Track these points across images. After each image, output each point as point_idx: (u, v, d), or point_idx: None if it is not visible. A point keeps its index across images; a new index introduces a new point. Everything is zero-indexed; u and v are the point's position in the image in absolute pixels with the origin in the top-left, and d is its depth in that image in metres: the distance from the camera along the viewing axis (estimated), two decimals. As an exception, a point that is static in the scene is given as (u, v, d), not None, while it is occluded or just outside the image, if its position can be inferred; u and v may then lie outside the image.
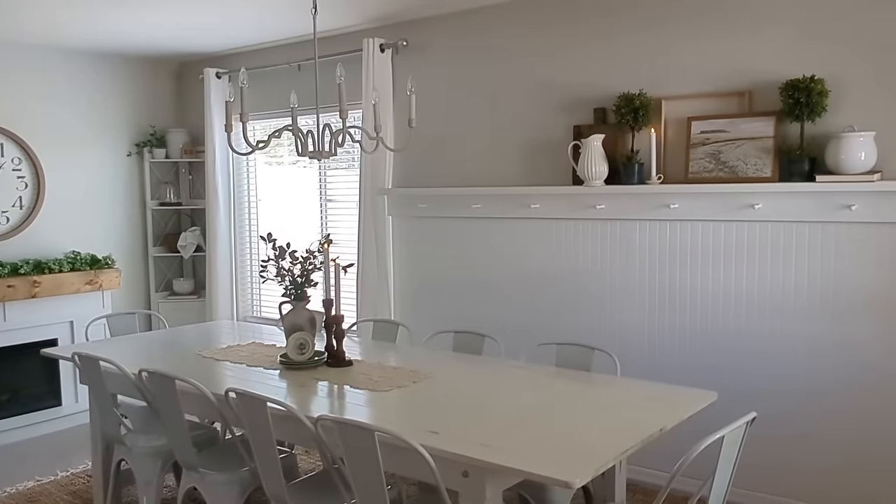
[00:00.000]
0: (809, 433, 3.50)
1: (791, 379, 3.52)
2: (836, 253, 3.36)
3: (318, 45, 3.49)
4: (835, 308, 3.39)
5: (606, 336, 3.99)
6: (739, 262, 3.61)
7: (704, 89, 3.67)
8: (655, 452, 2.85)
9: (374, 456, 2.30)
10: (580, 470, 2.13)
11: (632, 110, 3.72)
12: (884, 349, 3.29)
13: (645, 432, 2.43)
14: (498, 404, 2.81)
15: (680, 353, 3.81)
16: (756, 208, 3.51)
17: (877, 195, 3.22)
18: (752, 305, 3.59)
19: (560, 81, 4.13)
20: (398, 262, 4.86)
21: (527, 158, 4.29)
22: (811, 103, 3.25)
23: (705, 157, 3.61)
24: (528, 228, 4.28)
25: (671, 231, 3.80)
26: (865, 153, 3.17)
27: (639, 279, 3.91)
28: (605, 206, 3.95)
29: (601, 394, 2.98)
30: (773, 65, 3.46)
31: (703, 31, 3.66)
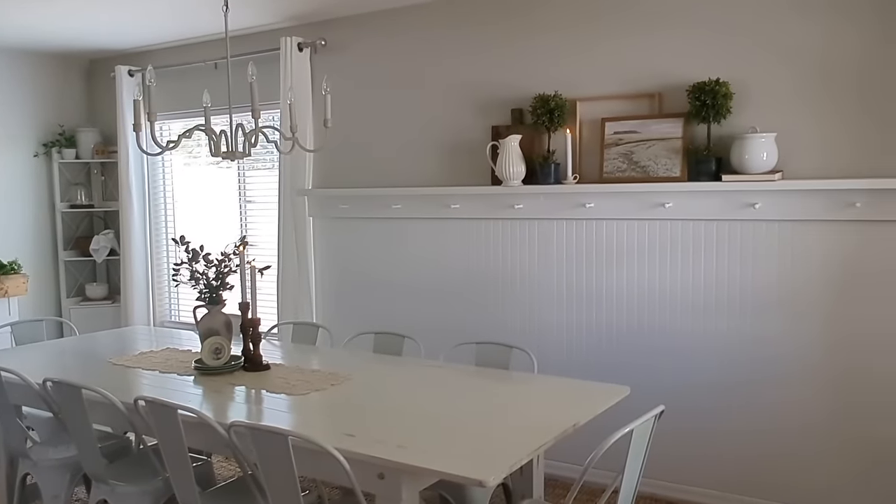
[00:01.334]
0: (723, 425, 3.62)
1: (703, 373, 3.64)
2: (742, 250, 3.50)
3: (234, 43, 3.43)
4: (742, 303, 3.52)
5: (526, 334, 4.05)
6: (652, 259, 3.71)
7: (617, 91, 3.76)
8: (573, 447, 2.89)
9: (288, 461, 2.27)
10: (494, 468, 2.14)
11: (547, 111, 3.78)
12: (788, 341, 3.43)
13: (558, 429, 2.47)
14: (416, 405, 2.81)
15: (597, 349, 3.90)
16: (667, 207, 3.61)
17: (778, 194, 3.36)
18: (665, 302, 3.70)
19: (478, 82, 4.16)
20: (319, 263, 4.81)
21: (447, 159, 4.31)
22: (717, 105, 3.37)
23: (618, 158, 3.70)
24: (448, 228, 4.30)
25: (587, 230, 3.88)
26: (767, 153, 3.30)
27: (557, 277, 3.98)
28: (523, 206, 4.01)
29: (518, 391, 3.02)
30: (681, 67, 3.57)
31: (616, 33, 3.74)
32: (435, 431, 2.50)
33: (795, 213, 3.35)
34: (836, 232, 3.29)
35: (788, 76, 3.36)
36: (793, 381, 3.44)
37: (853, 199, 3.21)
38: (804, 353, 3.40)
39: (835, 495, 3.40)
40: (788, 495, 3.49)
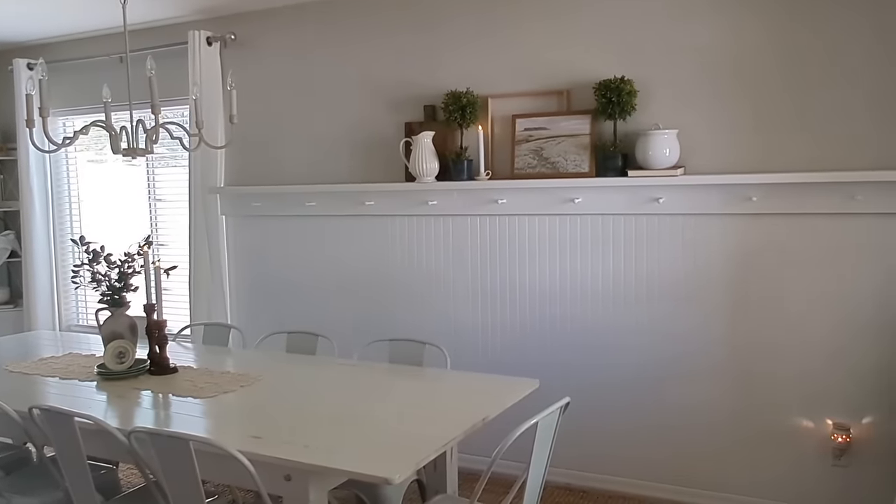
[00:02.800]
0: (634, 415, 3.72)
1: (613, 364, 3.73)
2: (648, 243, 3.60)
3: (141, 36, 3.33)
4: (648, 296, 3.62)
5: (441, 330, 4.07)
6: (563, 254, 3.78)
7: (527, 88, 3.81)
8: (489, 441, 2.91)
9: (191, 466, 2.22)
10: (400, 465, 2.14)
11: (459, 108, 3.80)
12: (691, 330, 3.55)
13: (467, 423, 2.49)
14: (326, 404, 2.79)
15: (511, 344, 3.94)
16: (576, 202, 3.68)
17: (681, 188, 3.47)
18: (576, 296, 3.77)
19: (391, 78, 4.15)
20: (233, 262, 4.72)
21: (361, 155, 4.28)
22: (622, 102, 3.45)
23: (529, 154, 3.75)
24: (363, 225, 4.27)
25: (500, 225, 3.92)
26: (670, 149, 3.40)
27: (471, 273, 4.01)
28: (437, 202, 4.02)
29: (430, 388, 3.03)
30: (588, 65, 3.64)
31: (526, 31, 3.79)
32: (344, 430, 2.49)
33: (697, 207, 3.46)
34: (734, 225, 3.42)
35: (688, 75, 3.47)
36: (696, 368, 3.56)
37: (749, 194, 3.34)
38: (706, 341, 3.52)
39: (737, 477, 3.54)
40: (696, 481, 3.61)
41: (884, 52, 3.12)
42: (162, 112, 3.09)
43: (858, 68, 3.16)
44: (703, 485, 3.59)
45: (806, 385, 3.36)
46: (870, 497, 3.24)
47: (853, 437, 3.29)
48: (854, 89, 3.18)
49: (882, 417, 3.24)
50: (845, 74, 3.19)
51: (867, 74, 3.15)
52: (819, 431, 3.36)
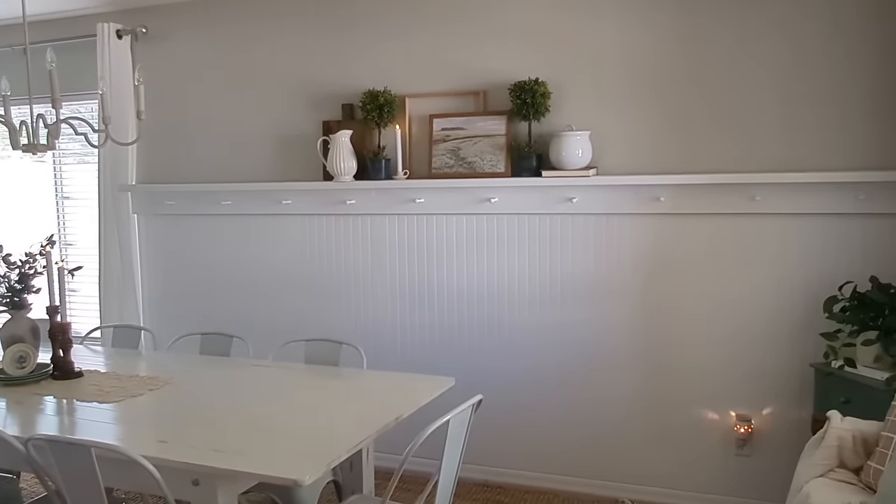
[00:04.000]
0: (549, 410, 3.79)
1: (529, 361, 3.79)
2: (562, 242, 3.67)
3: (48, 27, 3.19)
4: (562, 293, 3.70)
5: (359, 330, 4.06)
6: (480, 253, 3.82)
7: (445, 88, 3.83)
8: (406, 439, 2.92)
9: (93, 474, 2.15)
10: (310, 467, 2.13)
11: (377, 107, 3.79)
12: (605, 326, 3.64)
13: (381, 422, 2.49)
14: (238, 407, 2.74)
15: (430, 342, 3.96)
16: (492, 202, 3.73)
17: (593, 189, 3.56)
18: (493, 294, 3.82)
19: (309, 76, 4.11)
20: (146, 262, 4.59)
21: (278, 153, 4.22)
22: (536, 104, 3.51)
23: (446, 154, 3.78)
24: (280, 225, 4.22)
25: (418, 225, 3.93)
26: (582, 150, 3.48)
27: (389, 272, 4.01)
28: (355, 202, 4.00)
29: (345, 388, 3.01)
30: (504, 66, 3.69)
31: (443, 31, 3.81)
32: (255, 433, 2.45)
33: (609, 206, 3.55)
34: (644, 224, 3.53)
35: (600, 77, 3.55)
36: (610, 364, 3.65)
37: (658, 194, 3.45)
38: (619, 338, 3.62)
39: (648, 469, 3.65)
40: (610, 474, 3.71)
41: (788, 56, 3.27)
42: (67, 107, 2.98)
43: (763, 72, 3.30)
44: (618, 477, 3.69)
45: (712, 379, 3.49)
46: (769, 483, 3.40)
47: (754, 427, 3.44)
48: (758, 92, 3.32)
49: (780, 408, 3.40)
50: (751, 78, 3.32)
51: (772, 78, 3.29)
52: (723, 423, 3.50)
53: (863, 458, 2.65)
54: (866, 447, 2.66)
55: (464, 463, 3.61)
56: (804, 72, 3.24)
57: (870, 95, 3.16)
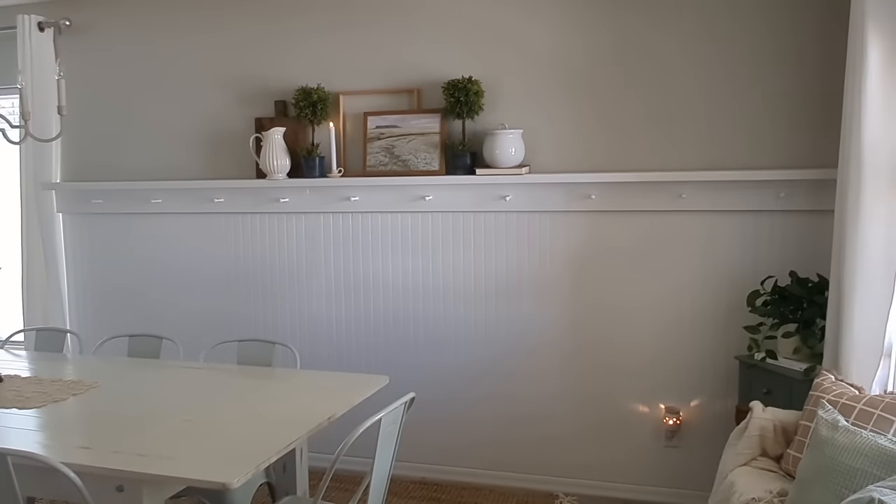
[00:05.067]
0: (486, 406, 3.81)
1: (464, 357, 3.81)
2: (496, 239, 3.70)
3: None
4: (497, 290, 3.73)
5: (295, 329, 4.02)
6: (415, 251, 3.82)
7: (379, 86, 3.81)
8: (340, 439, 2.91)
9: (10, 483, 2.08)
10: (239, 469, 2.10)
11: (310, 104, 3.75)
12: (539, 322, 3.69)
13: (312, 423, 2.47)
14: (166, 410, 2.68)
15: (366, 341, 3.95)
16: (427, 200, 3.73)
17: (526, 187, 3.60)
18: (429, 292, 3.83)
19: (240, 72, 4.04)
20: (72, 263, 4.44)
21: (209, 151, 4.14)
22: (469, 102, 3.52)
23: (381, 152, 3.77)
24: (212, 223, 4.14)
25: (353, 223, 3.91)
26: (515, 149, 3.51)
27: (325, 271, 3.98)
28: (289, 200, 3.96)
29: (277, 388, 2.98)
30: (438, 64, 3.70)
31: (376, 28, 3.79)
32: (183, 436, 2.40)
33: (541, 204, 3.60)
34: (576, 221, 3.58)
35: (533, 76, 3.59)
36: (544, 360, 3.70)
37: (589, 192, 3.51)
38: (553, 334, 3.67)
39: (582, 463, 3.71)
40: (547, 468, 3.76)
41: (713, 57, 3.36)
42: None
43: (690, 73, 3.39)
44: (553, 471, 3.74)
45: (642, 372, 3.57)
46: (697, 472, 3.49)
47: (683, 419, 3.53)
48: (684, 93, 3.40)
49: (707, 400, 3.50)
50: (678, 79, 3.41)
51: (697, 79, 3.38)
52: (654, 415, 3.58)
53: (783, 447, 2.75)
54: (786, 436, 2.76)
55: (401, 461, 3.65)
56: (728, 73, 3.34)
57: (790, 97, 3.28)
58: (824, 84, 3.18)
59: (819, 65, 3.21)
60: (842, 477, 2.25)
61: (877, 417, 2.42)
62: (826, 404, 2.50)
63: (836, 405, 2.50)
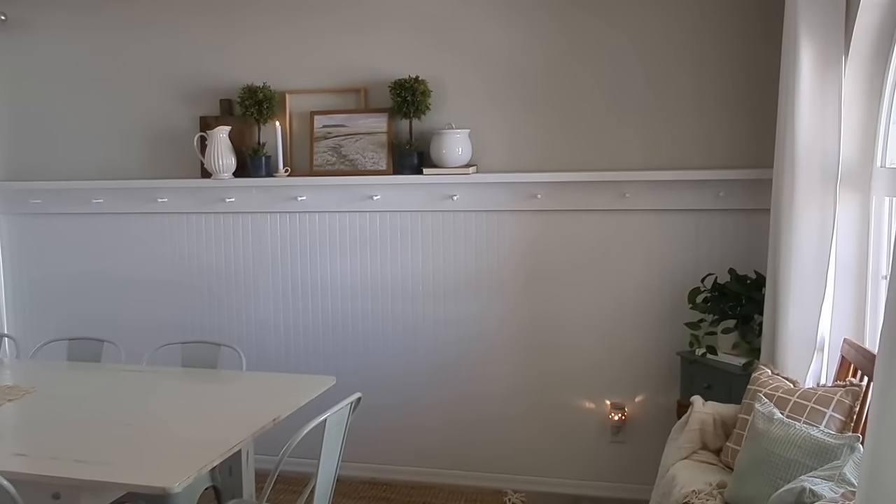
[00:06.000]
0: (435, 404, 3.82)
1: (414, 357, 3.82)
2: (444, 239, 3.71)
3: None
4: (445, 289, 3.74)
5: (241, 331, 3.97)
6: (364, 250, 3.81)
7: (325, 84, 3.79)
8: (287, 441, 2.89)
9: (-61, 492, 2.01)
10: (181, 473, 2.07)
11: (256, 102, 3.71)
12: (487, 321, 3.71)
13: (257, 425, 2.45)
14: (105, 414, 2.63)
15: (314, 342, 3.92)
16: (375, 199, 3.73)
17: (473, 186, 3.62)
18: (377, 292, 3.82)
19: (184, 69, 3.97)
20: (9, 265, 4.31)
21: (152, 150, 4.06)
22: (416, 102, 3.52)
23: (328, 151, 3.75)
24: (156, 223, 4.07)
25: (300, 223, 3.88)
26: (462, 149, 3.53)
27: (272, 272, 3.94)
28: (234, 200, 3.91)
29: (222, 390, 2.95)
30: (385, 64, 3.69)
31: (323, 27, 3.77)
32: (123, 441, 2.36)
33: (488, 204, 3.62)
34: (523, 221, 3.61)
35: (480, 76, 3.61)
36: (492, 358, 3.73)
37: (535, 191, 3.55)
38: (501, 333, 3.70)
39: (530, 460, 3.75)
40: (497, 466, 3.78)
41: (656, 59, 3.42)
42: None
43: (633, 75, 3.45)
44: (501, 469, 3.77)
45: (588, 369, 3.62)
46: (641, 467, 3.55)
47: (628, 415, 3.60)
48: (627, 94, 3.46)
49: (651, 395, 3.57)
50: (621, 80, 3.46)
51: (641, 80, 3.44)
52: (599, 412, 3.64)
53: (722, 440, 2.83)
54: (725, 429, 2.83)
55: (350, 461, 3.64)
56: (670, 76, 3.41)
57: (729, 99, 3.36)
58: (761, 87, 3.27)
59: (756, 68, 3.30)
60: (777, 468, 2.32)
61: (810, 409, 2.49)
62: (762, 398, 2.57)
63: (772, 398, 2.58)
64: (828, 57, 2.69)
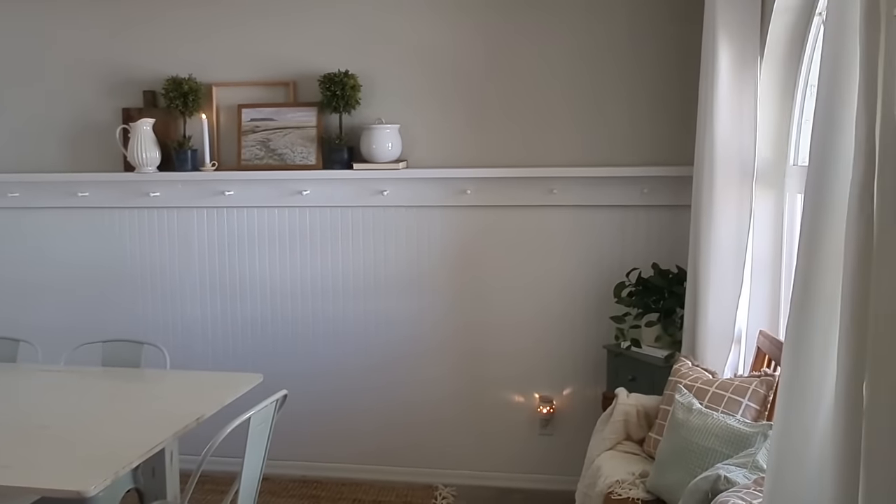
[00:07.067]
0: (365, 401, 3.80)
1: (344, 354, 3.79)
2: (375, 234, 3.70)
3: None
4: (376, 285, 3.73)
5: (168, 329, 3.88)
6: (293, 246, 3.77)
7: (253, 77, 3.73)
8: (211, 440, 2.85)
9: None
10: (97, 476, 2.01)
11: (181, 95, 3.63)
12: (415, 319, 3.71)
13: (180, 424, 2.40)
14: (19, 417, 2.53)
15: (242, 338, 3.86)
16: (304, 194, 3.69)
17: (404, 181, 3.61)
18: (306, 288, 3.78)
19: (106, 60, 3.85)
20: (-83, 262, 4.11)
21: (73, 142, 3.92)
22: (346, 96, 3.50)
23: (256, 145, 3.69)
24: (77, 218, 3.93)
25: (228, 218, 3.81)
26: (392, 144, 3.52)
27: (199, 268, 3.86)
28: (160, 194, 3.81)
29: (145, 390, 2.88)
30: (314, 57, 3.65)
31: (251, 18, 3.70)
32: (37, 443, 2.28)
33: (419, 199, 3.62)
34: (453, 216, 3.63)
35: (409, 71, 3.61)
36: (424, 353, 3.73)
37: (465, 187, 3.57)
38: (432, 327, 3.71)
39: (461, 454, 3.77)
40: (427, 461, 3.79)
41: (580, 57, 3.48)
42: None
43: (559, 73, 3.50)
44: (432, 464, 3.79)
45: (518, 364, 3.67)
46: (569, 458, 3.60)
47: (556, 407, 3.66)
48: (555, 92, 3.51)
49: (578, 388, 3.63)
50: (548, 78, 3.51)
51: (566, 78, 3.50)
52: (529, 405, 3.69)
53: (645, 430, 2.90)
54: (648, 420, 2.91)
55: (280, 459, 3.61)
56: (596, 74, 3.47)
57: (653, 97, 3.44)
58: (685, 86, 3.35)
59: (678, 68, 3.39)
60: (695, 457, 2.40)
61: (727, 399, 2.58)
62: (683, 389, 2.65)
63: (691, 389, 2.66)
64: (744, 58, 2.78)
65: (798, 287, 1.62)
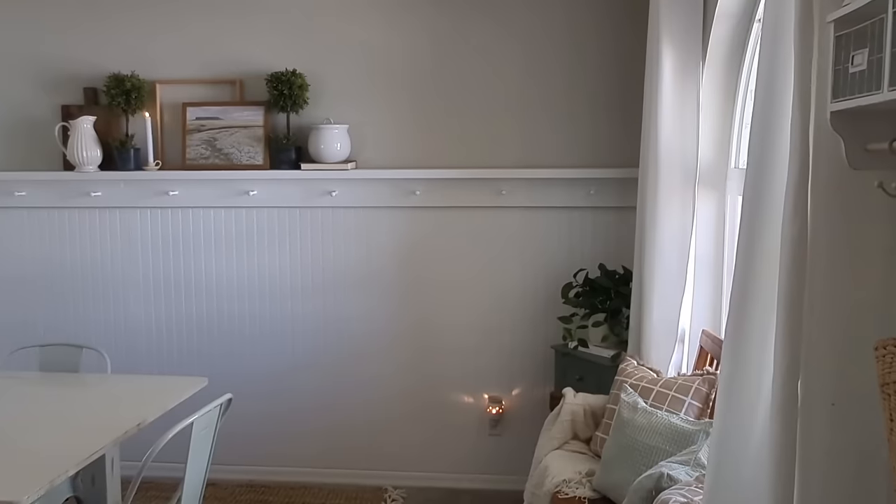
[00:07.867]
0: (313, 403, 3.76)
1: (291, 356, 3.75)
2: (324, 235, 3.67)
3: None
4: (324, 286, 3.70)
5: (110, 332, 3.78)
6: (240, 247, 3.71)
7: (199, 75, 3.66)
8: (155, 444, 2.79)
9: None
10: (30, 485, 1.95)
11: (123, 92, 3.54)
12: (364, 320, 3.69)
13: (120, 430, 2.34)
14: (-50, 424, 2.44)
15: (188, 341, 3.79)
16: (251, 195, 3.64)
17: (352, 182, 3.59)
18: (254, 289, 3.73)
19: (44, 55, 3.73)
20: None
21: (8, 139, 3.80)
22: (293, 95, 3.46)
23: (202, 144, 3.62)
24: (13, 219, 3.80)
25: (172, 218, 3.73)
26: (341, 144, 3.49)
27: (142, 269, 3.77)
28: (101, 194, 3.71)
29: (84, 395, 2.80)
30: (261, 56, 3.60)
31: (196, 15, 3.63)
32: (-32, 452, 2.20)
33: (368, 200, 3.61)
34: (402, 217, 3.62)
35: (358, 71, 3.59)
36: (372, 354, 3.71)
37: (414, 188, 3.56)
38: (380, 328, 3.69)
39: (410, 455, 3.76)
40: (377, 463, 3.77)
41: (527, 60, 3.51)
42: None
43: (506, 75, 3.52)
44: (382, 466, 3.76)
45: (467, 365, 3.67)
46: (518, 458, 3.59)
47: (505, 408, 3.67)
48: (503, 94, 3.53)
49: (527, 388, 3.66)
50: (495, 81, 3.53)
51: (513, 81, 3.52)
52: (478, 405, 3.70)
53: (592, 429, 2.93)
54: (595, 419, 2.94)
55: (227, 464, 3.54)
56: (547, 76, 3.50)
57: (599, 100, 3.49)
58: (631, 90, 3.39)
59: (623, 71, 3.44)
60: (640, 455, 2.43)
61: (671, 398, 2.62)
62: (628, 388, 2.69)
63: (637, 388, 2.69)
64: (687, 62, 2.83)
65: (736, 287, 1.66)
